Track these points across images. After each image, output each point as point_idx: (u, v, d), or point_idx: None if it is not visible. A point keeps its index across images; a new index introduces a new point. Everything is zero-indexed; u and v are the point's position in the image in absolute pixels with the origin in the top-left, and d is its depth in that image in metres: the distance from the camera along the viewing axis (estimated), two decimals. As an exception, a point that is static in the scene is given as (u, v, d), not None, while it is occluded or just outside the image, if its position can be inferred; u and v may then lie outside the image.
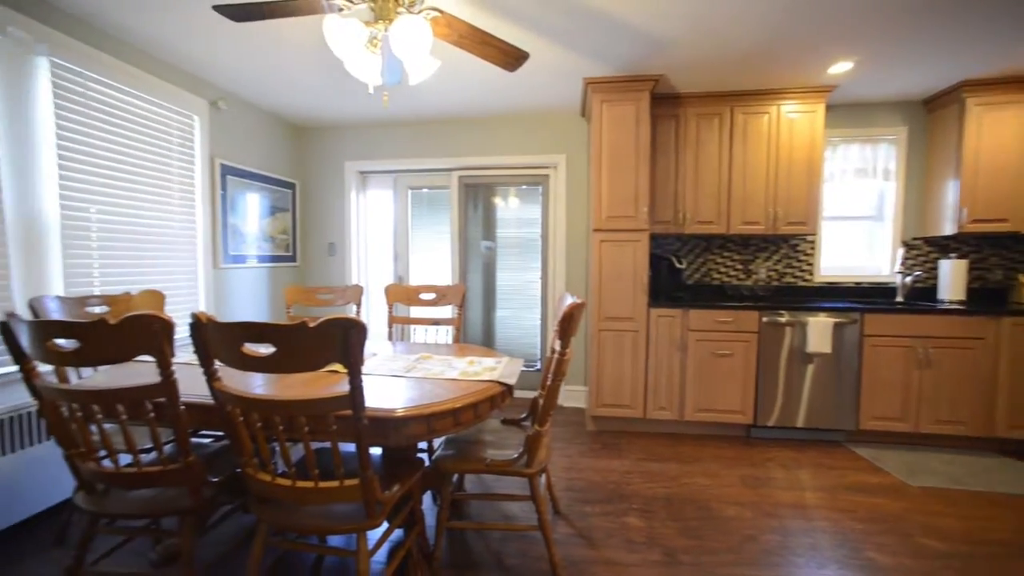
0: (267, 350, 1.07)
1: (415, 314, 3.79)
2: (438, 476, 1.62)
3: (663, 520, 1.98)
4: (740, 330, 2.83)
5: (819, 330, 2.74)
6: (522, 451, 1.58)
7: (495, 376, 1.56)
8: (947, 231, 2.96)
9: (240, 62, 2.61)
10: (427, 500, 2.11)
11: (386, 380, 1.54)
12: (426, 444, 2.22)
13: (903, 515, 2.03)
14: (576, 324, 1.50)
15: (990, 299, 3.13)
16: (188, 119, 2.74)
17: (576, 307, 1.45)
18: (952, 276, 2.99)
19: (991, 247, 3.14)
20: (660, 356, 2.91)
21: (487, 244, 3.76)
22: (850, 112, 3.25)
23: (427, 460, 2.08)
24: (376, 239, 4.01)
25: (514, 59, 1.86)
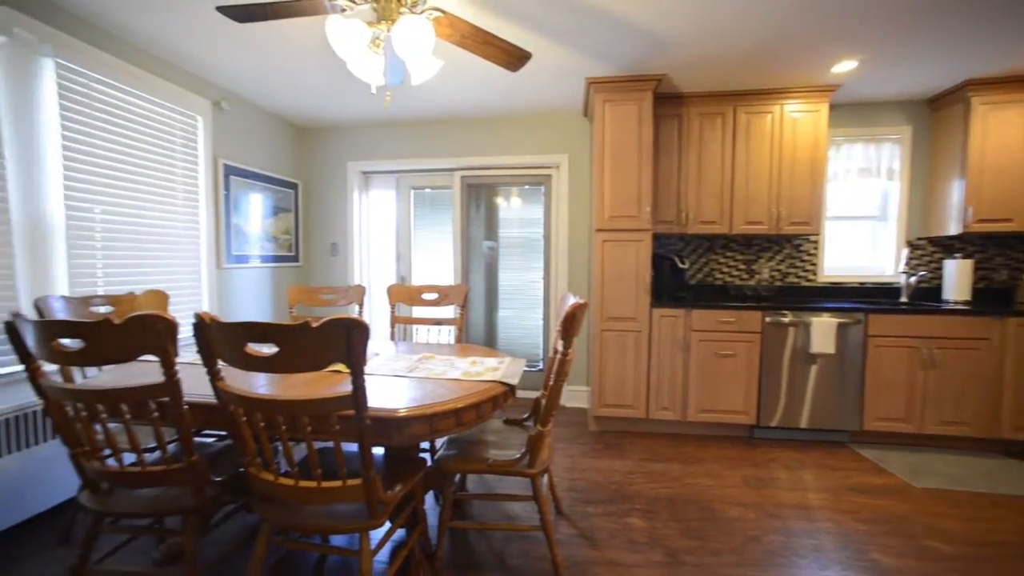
0: (270, 350, 1.08)
1: (417, 314, 3.79)
2: (440, 476, 1.62)
3: (665, 521, 1.97)
4: (743, 330, 2.83)
5: (823, 330, 2.73)
6: (524, 451, 1.58)
7: (497, 376, 1.56)
8: (952, 231, 2.94)
9: (243, 63, 2.62)
10: (429, 500, 2.11)
11: (388, 380, 1.54)
12: (428, 444, 2.22)
13: (907, 516, 2.02)
14: (579, 324, 1.50)
15: (995, 299, 3.11)
16: (191, 119, 2.75)
17: (579, 307, 1.45)
18: (957, 276, 2.98)
19: (996, 247, 3.12)
20: (663, 356, 2.91)
21: (489, 244, 3.76)
22: (854, 111, 3.24)
23: (429, 460, 2.08)
24: (378, 239, 4.02)
25: (516, 59, 1.86)
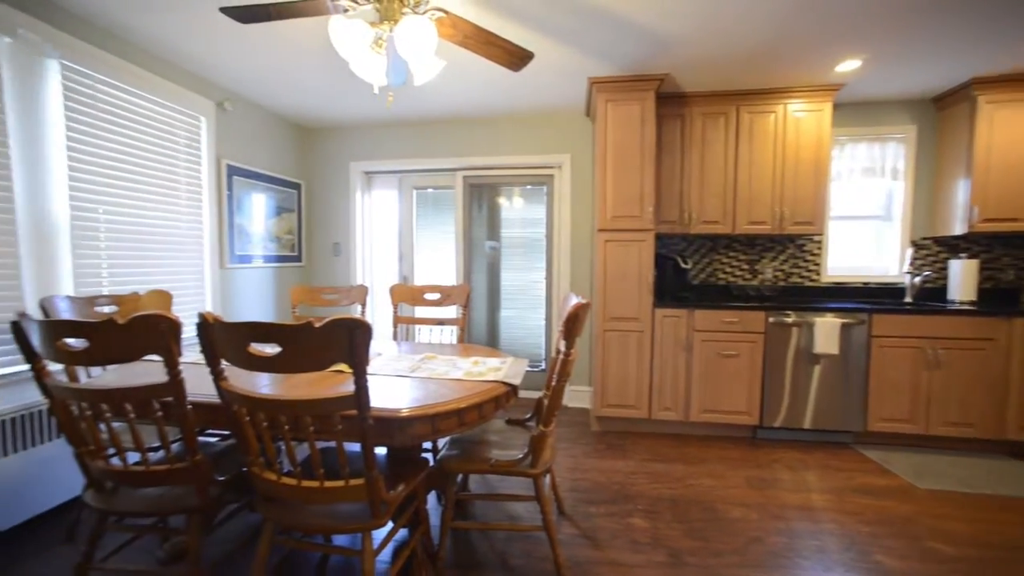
0: (273, 350, 1.08)
1: (420, 314, 3.80)
2: (443, 476, 1.62)
3: (668, 521, 1.97)
4: (746, 330, 2.82)
5: (826, 331, 2.72)
6: (527, 451, 1.58)
7: (500, 376, 1.56)
8: (957, 231, 2.92)
9: (246, 63, 2.63)
10: (432, 500, 2.11)
11: (391, 380, 1.54)
12: (431, 444, 2.22)
13: (911, 518, 2.01)
14: (581, 324, 1.49)
15: (1002, 299, 3.09)
16: (195, 120, 2.76)
17: (581, 307, 1.45)
18: (962, 276, 2.96)
19: (1003, 247, 3.09)
20: (665, 356, 2.90)
21: (492, 244, 3.76)
22: (858, 111, 3.22)
23: (432, 460, 2.09)
24: (381, 239, 4.03)
25: (519, 59, 1.86)
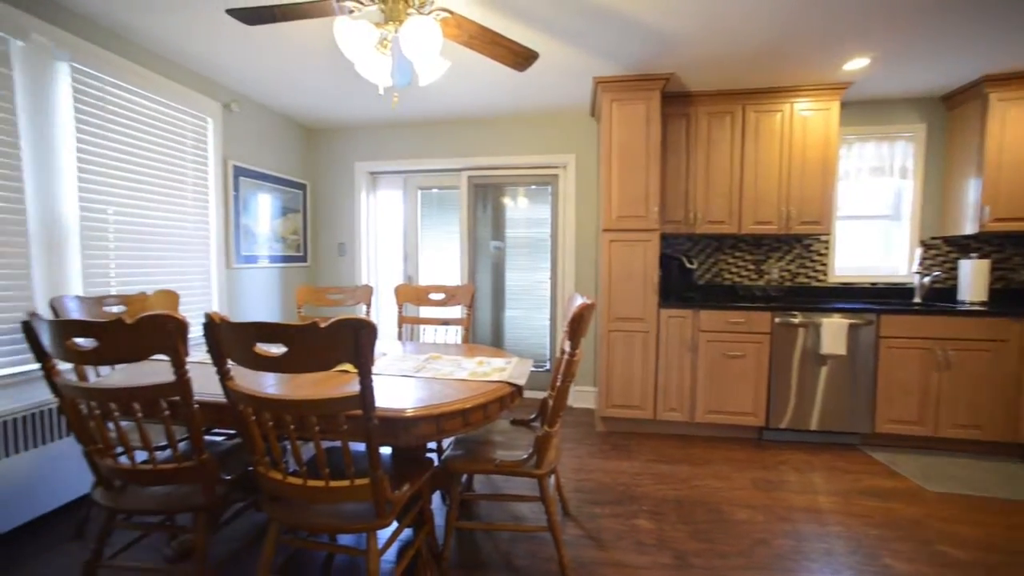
0: (279, 350, 1.08)
1: (424, 314, 3.80)
2: (447, 476, 1.62)
3: (673, 523, 1.96)
4: (752, 331, 2.80)
5: (833, 331, 2.69)
6: (531, 452, 1.57)
7: (504, 377, 1.56)
8: (968, 230, 2.89)
9: (252, 65, 2.65)
10: (436, 500, 2.12)
11: (396, 380, 1.54)
12: (435, 444, 2.23)
13: (920, 521, 1.99)
14: (586, 325, 1.49)
15: (1013, 300, 3.04)
16: (201, 121, 2.78)
17: (586, 308, 1.45)
18: (973, 276, 2.92)
19: (1014, 246, 3.05)
20: (670, 357, 2.89)
21: (496, 244, 3.76)
22: (866, 109, 3.19)
23: (436, 460, 2.09)
24: (386, 239, 4.04)
25: (524, 59, 1.86)
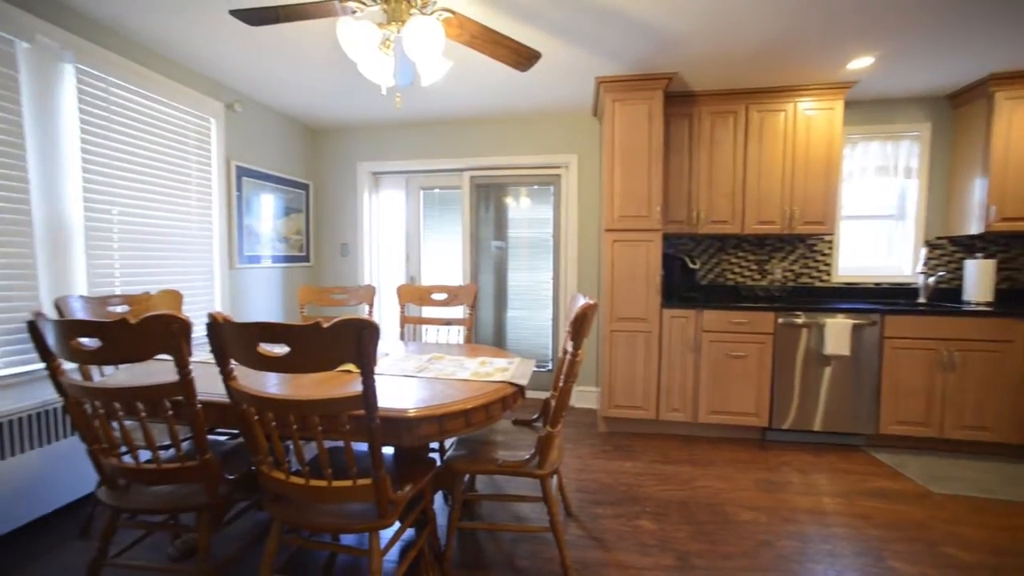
0: (282, 350, 1.09)
1: (427, 314, 3.81)
2: (450, 476, 1.62)
3: (676, 523, 1.95)
4: (755, 331, 2.78)
5: (837, 332, 2.68)
6: (534, 452, 1.57)
7: (507, 377, 1.56)
8: (973, 230, 2.87)
9: (255, 65, 2.65)
10: (439, 500, 2.12)
11: (398, 380, 1.55)
12: (438, 444, 2.23)
13: (925, 523, 1.97)
14: (589, 325, 1.49)
15: (1019, 300, 3.02)
16: (205, 122, 2.79)
17: (589, 308, 1.44)
18: (978, 276, 2.90)
19: (1021, 246, 3.03)
20: (673, 357, 2.88)
21: (498, 244, 3.76)
22: (870, 108, 3.17)
23: (439, 460, 2.09)
24: (388, 239, 4.04)
25: (526, 59, 1.86)
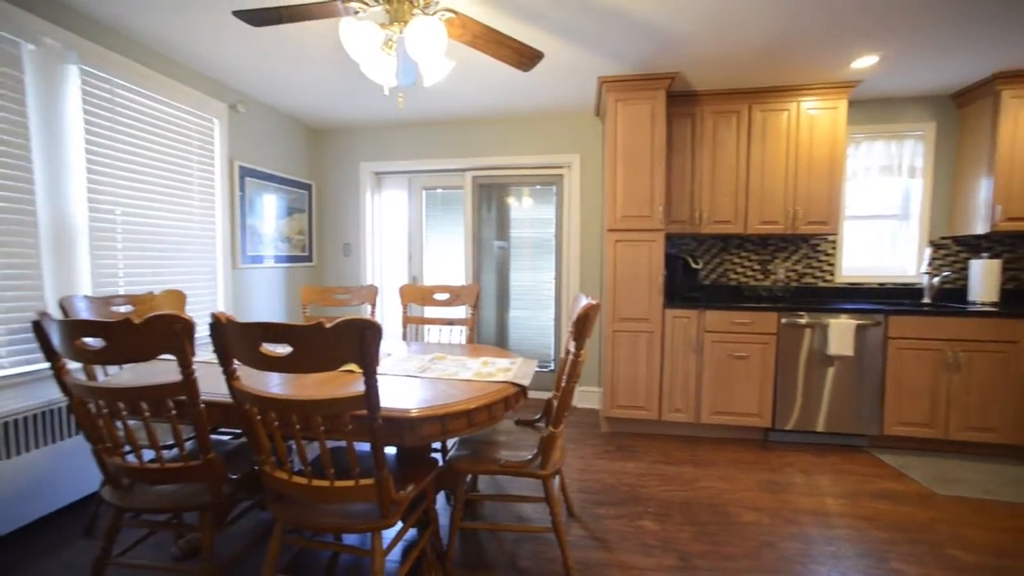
0: (284, 350, 1.09)
1: (429, 314, 3.81)
2: (452, 476, 1.62)
3: (679, 524, 1.95)
4: (758, 332, 2.77)
5: (841, 332, 2.67)
6: (536, 452, 1.57)
7: (509, 377, 1.56)
8: (979, 230, 2.85)
9: (258, 66, 2.66)
10: (441, 500, 2.12)
11: (401, 380, 1.55)
12: (440, 444, 2.23)
13: (930, 524, 1.96)
14: (591, 325, 1.48)
15: (1024, 301, 3.01)
16: (208, 122, 2.80)
17: (591, 308, 1.44)
18: (984, 276, 2.88)
19: (1025, 246, 3.01)
20: (675, 357, 2.87)
21: (500, 244, 3.76)
22: (874, 107, 3.16)
23: (441, 460, 2.09)
24: (390, 239, 4.05)
25: (528, 59, 1.86)
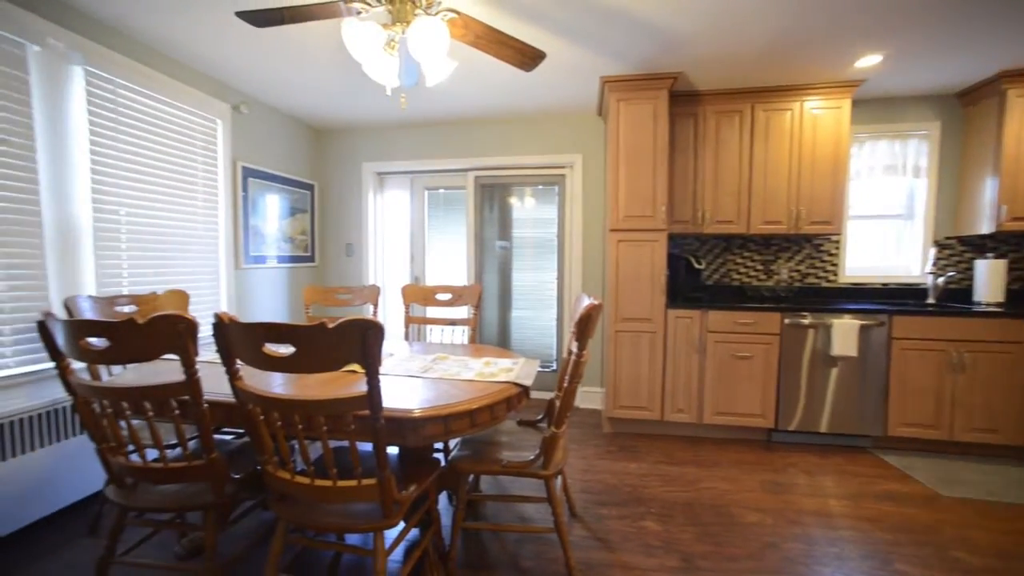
0: (287, 350, 1.09)
1: (431, 314, 3.81)
2: (454, 477, 1.62)
3: (681, 525, 1.95)
4: (761, 332, 2.77)
5: (844, 332, 2.66)
6: (538, 453, 1.57)
7: (511, 377, 1.56)
8: (984, 230, 2.83)
9: (261, 67, 2.67)
10: (443, 500, 2.12)
11: (403, 380, 1.55)
12: (442, 444, 2.23)
13: (934, 526, 1.95)
14: (593, 325, 1.48)
15: (1029, 301, 2.99)
16: (211, 123, 2.81)
17: (594, 308, 1.44)
18: (989, 277, 2.86)
19: (1031, 246, 2.99)
20: (678, 358, 2.87)
21: (503, 244, 3.76)
22: (878, 107, 3.14)
23: (443, 460, 2.09)
24: (393, 240, 4.05)
25: (531, 59, 1.86)
